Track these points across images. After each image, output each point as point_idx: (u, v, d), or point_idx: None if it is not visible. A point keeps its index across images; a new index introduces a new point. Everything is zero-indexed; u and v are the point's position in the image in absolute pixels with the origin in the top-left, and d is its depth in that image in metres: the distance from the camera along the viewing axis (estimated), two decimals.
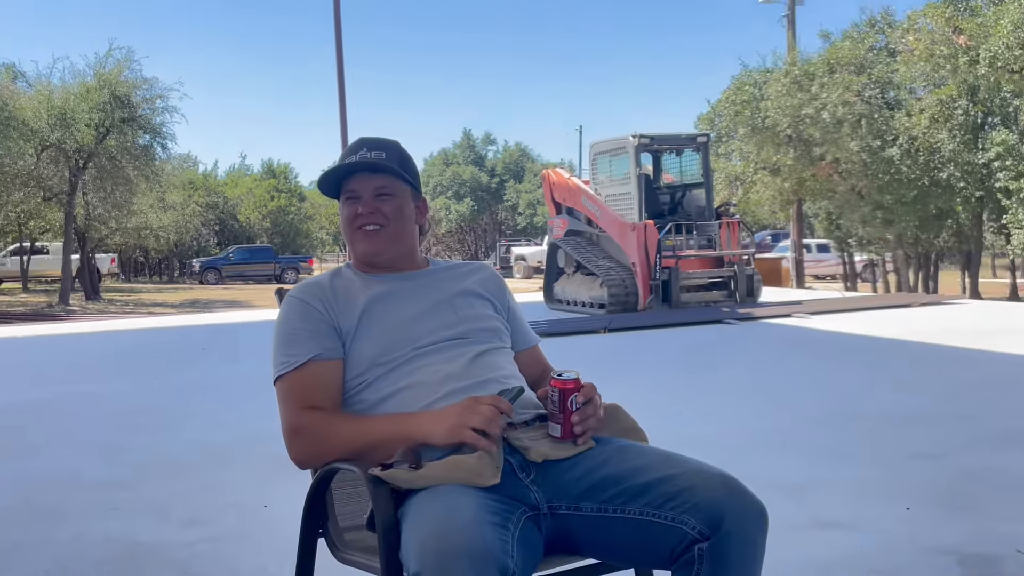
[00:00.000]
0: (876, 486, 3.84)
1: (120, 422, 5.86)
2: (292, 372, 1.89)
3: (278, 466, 4.32)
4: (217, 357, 9.26)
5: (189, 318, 16.20)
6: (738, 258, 13.26)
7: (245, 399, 6.47)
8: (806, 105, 21.22)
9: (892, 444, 4.56)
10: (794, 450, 4.52)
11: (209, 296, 28.79)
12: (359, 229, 2.02)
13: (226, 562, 3.16)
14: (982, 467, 4.06)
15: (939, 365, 7.23)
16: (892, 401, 5.70)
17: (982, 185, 20.57)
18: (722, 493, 1.65)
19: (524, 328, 2.17)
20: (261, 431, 5.16)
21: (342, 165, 2.02)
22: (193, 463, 4.65)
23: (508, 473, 1.73)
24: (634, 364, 7.97)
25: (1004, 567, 2.87)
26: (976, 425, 4.91)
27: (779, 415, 5.39)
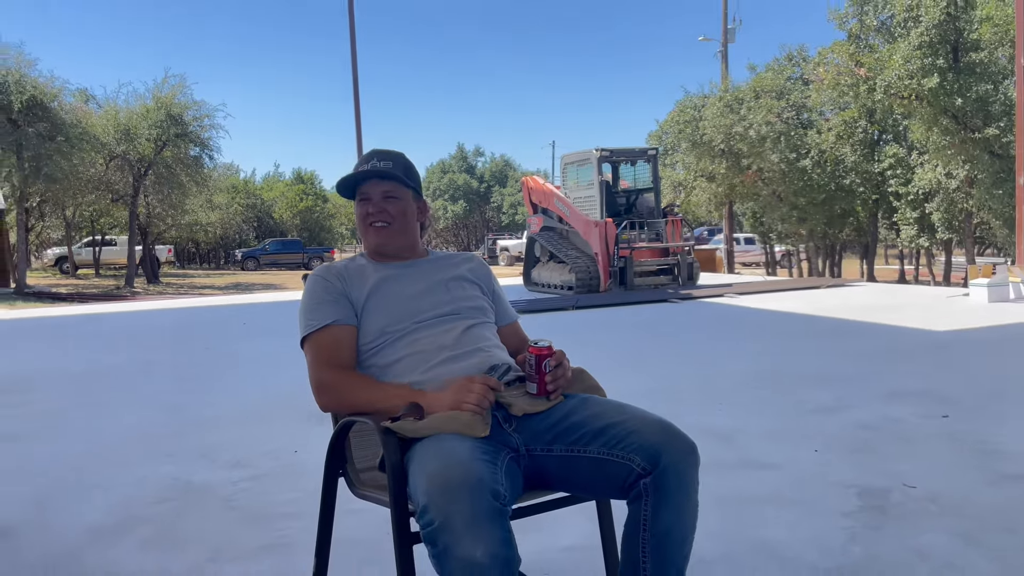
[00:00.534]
0: (790, 433, 3.87)
1: (176, 384, 5.83)
2: (315, 333, 1.91)
3: (306, 420, 4.33)
4: (256, 331, 9.22)
5: (233, 298, 16.10)
6: (681, 249, 13.28)
7: (279, 366, 6.45)
8: (736, 124, 21.25)
9: (804, 399, 4.60)
10: (724, 404, 4.54)
11: (249, 280, 28.61)
12: (370, 225, 2.03)
13: (264, 497, 3.16)
14: (876, 418, 4.09)
15: (841, 335, 7.28)
16: (804, 364, 5.73)
17: (877, 190, 20.70)
18: (660, 435, 1.67)
19: (506, 307, 2.17)
20: (292, 392, 5.15)
21: (357, 173, 2.02)
22: (236, 417, 4.64)
23: (494, 425, 1.75)
24: (596, 335, 7.99)
25: (892, 497, 2.90)
26: (871, 384, 4.95)
27: (712, 375, 5.42)
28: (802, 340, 7.08)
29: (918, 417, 4.08)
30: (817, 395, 4.68)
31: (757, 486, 3.07)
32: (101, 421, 4.67)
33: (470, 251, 32.72)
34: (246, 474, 3.48)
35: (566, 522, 2.66)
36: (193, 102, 24.65)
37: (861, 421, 4.03)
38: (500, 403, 1.78)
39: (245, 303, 13.69)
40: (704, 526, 2.59)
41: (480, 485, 1.46)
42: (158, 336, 9.12)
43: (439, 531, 1.42)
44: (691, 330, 8.10)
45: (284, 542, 2.67)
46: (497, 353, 1.94)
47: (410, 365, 1.86)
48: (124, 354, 7.46)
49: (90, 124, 22.91)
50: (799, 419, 4.14)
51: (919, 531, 2.57)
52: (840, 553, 2.42)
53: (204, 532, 2.80)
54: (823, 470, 3.25)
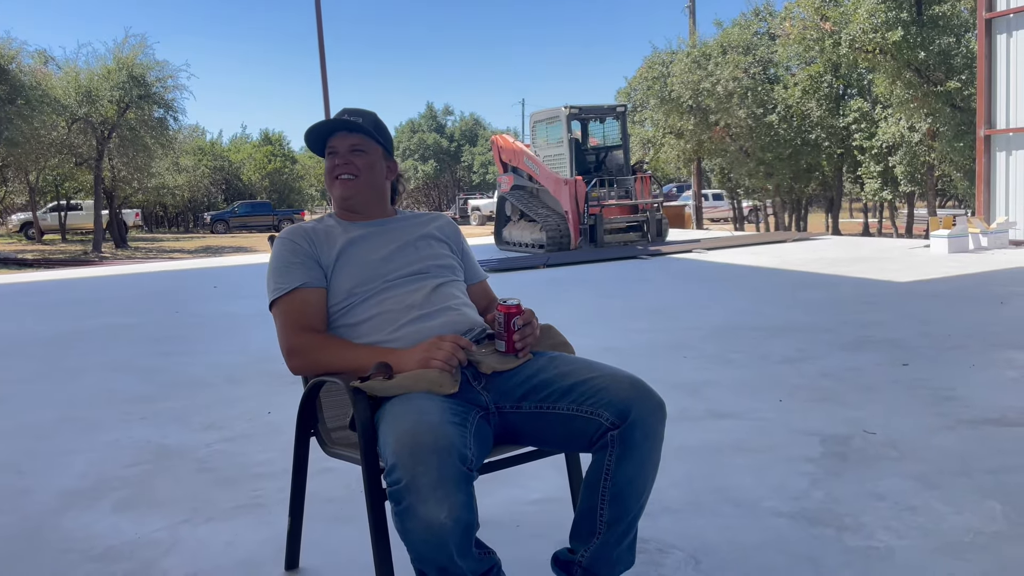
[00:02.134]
0: (756, 384, 3.93)
1: (147, 348, 5.78)
2: (284, 296, 1.89)
3: (278, 381, 4.32)
4: (226, 294, 9.12)
5: (202, 261, 15.89)
6: (650, 206, 13.31)
7: (250, 328, 6.41)
8: (704, 80, 21.19)
9: (768, 351, 4.66)
10: (691, 357, 4.59)
11: (219, 243, 28.25)
12: (336, 178, 2.01)
13: (238, 458, 3.16)
14: (838, 367, 4.17)
15: (807, 288, 7.37)
16: (770, 317, 5.81)
17: (842, 144, 20.85)
18: (629, 391, 1.68)
19: (475, 266, 2.17)
20: (263, 354, 5.13)
21: (325, 122, 2.00)
22: (209, 380, 4.61)
23: (464, 382, 1.75)
24: (567, 292, 8.02)
25: (853, 443, 2.97)
26: (834, 335, 5.03)
27: (680, 330, 5.47)
28: (768, 293, 7.16)
29: (879, 366, 4.16)
30: (782, 347, 4.75)
31: (723, 436, 3.13)
32: (73, 386, 4.62)
33: (441, 211, 32.55)
34: (220, 436, 3.47)
35: (536, 475, 2.70)
36: (155, 62, 24.06)
37: (824, 370, 4.11)
38: (470, 361, 1.79)
39: (215, 266, 13.53)
40: (671, 475, 2.65)
41: (448, 448, 1.46)
42: (128, 301, 8.99)
43: (405, 490, 1.43)
44: (660, 286, 8.15)
45: (259, 502, 2.68)
46: (466, 311, 1.94)
47: (378, 324, 1.86)
48: (94, 319, 7.36)
49: (50, 86, 22.28)
50: (765, 370, 4.20)
51: (879, 475, 2.64)
52: (803, 497, 2.48)
53: (179, 494, 2.79)
54: (787, 419, 3.31)
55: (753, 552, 2.14)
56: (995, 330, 4.94)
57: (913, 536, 2.20)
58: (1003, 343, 4.57)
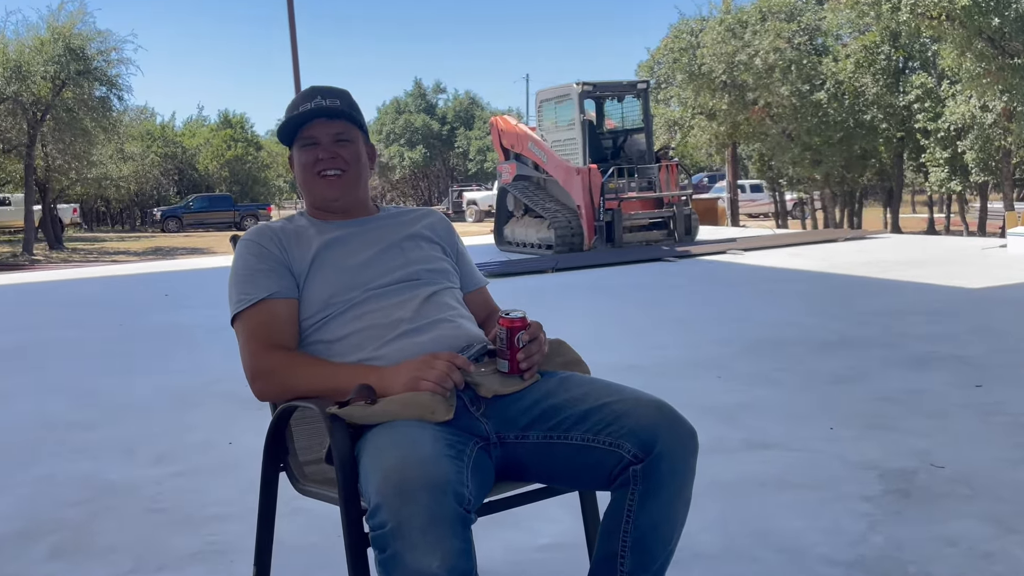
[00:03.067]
0: (802, 408, 3.93)
1: (87, 367, 5.78)
2: (249, 309, 1.88)
3: (241, 406, 4.32)
4: (179, 303, 9.14)
5: (152, 265, 15.93)
6: (677, 199, 13.33)
7: (208, 343, 6.41)
8: (740, 52, 21.25)
9: (817, 369, 4.66)
10: (727, 377, 4.59)
11: (171, 244, 28.31)
12: (319, 175, 1.99)
13: (194, 496, 3.16)
14: (898, 389, 4.17)
15: (861, 295, 7.37)
16: (818, 329, 5.80)
17: (903, 126, 20.89)
18: (655, 418, 1.67)
19: (472, 270, 2.17)
20: (224, 373, 5.13)
21: (303, 112, 1.97)
22: (159, 405, 4.62)
23: (460, 408, 1.74)
24: (579, 301, 8.03)
25: (918, 479, 2.97)
26: (894, 350, 5.03)
27: (713, 345, 5.47)
28: (816, 302, 7.15)
29: (947, 387, 4.15)
30: (832, 364, 4.75)
31: (763, 469, 3.12)
32: (0, 411, 4.63)
33: (432, 206, 32.48)
34: (172, 470, 3.47)
35: (545, 517, 2.69)
36: (96, 32, 24.16)
37: (882, 393, 4.10)
38: (467, 383, 1.78)
39: (166, 271, 13.54)
40: (703, 516, 2.65)
41: (442, 486, 1.46)
42: (64, 311, 9.00)
43: (391, 536, 1.42)
44: (689, 293, 8.15)
45: (218, 548, 2.68)
46: (462, 324, 1.94)
47: (360, 341, 1.85)
48: (23, 333, 7.37)
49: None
50: (811, 392, 4.20)
51: (949, 516, 2.64)
52: (859, 543, 2.48)
53: (125, 538, 2.79)
54: (840, 449, 3.30)
55: None
56: None
57: None
58: None
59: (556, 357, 1.95)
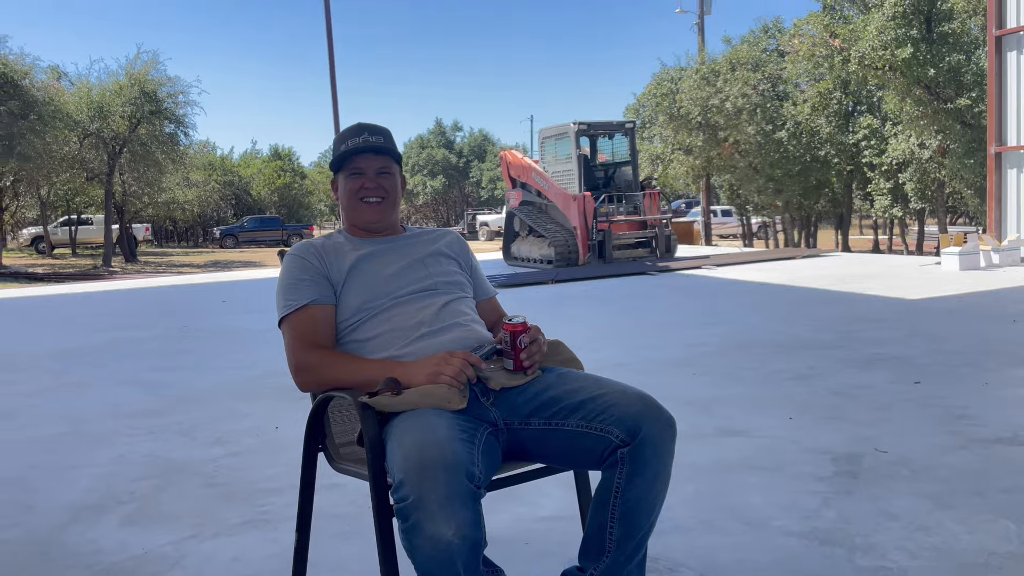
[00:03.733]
0: (766, 401, 3.91)
1: (154, 363, 5.79)
2: (293, 313, 1.89)
3: (285, 396, 4.32)
4: (235, 309, 9.16)
5: (211, 276, 15.97)
6: (658, 222, 13.30)
7: (258, 343, 6.42)
8: (713, 97, 21.24)
9: (779, 368, 4.64)
10: (702, 373, 4.58)
11: (228, 258, 28.37)
12: (362, 200, 2.01)
13: (245, 473, 3.16)
14: (849, 385, 4.15)
15: (816, 304, 7.34)
16: (779, 333, 5.79)
17: (852, 161, 20.83)
18: (640, 408, 1.67)
19: (484, 282, 2.17)
20: (271, 369, 5.14)
21: (353, 147, 1.99)
22: (216, 395, 4.62)
23: (472, 399, 1.74)
24: (576, 308, 8.02)
25: (864, 462, 2.95)
26: (844, 352, 5.00)
27: (690, 346, 5.46)
28: (778, 310, 7.13)
29: (890, 384, 4.13)
30: (792, 363, 4.73)
31: (733, 454, 3.11)
32: (81, 400, 4.63)
33: (449, 226, 32.47)
34: (227, 451, 3.47)
35: (545, 492, 2.68)
36: (167, 78, 24.30)
37: (835, 388, 4.08)
38: (478, 377, 1.78)
39: (224, 281, 13.58)
40: (681, 493, 2.64)
41: (456, 466, 1.46)
42: (136, 315, 9.03)
43: (412, 507, 1.42)
44: (669, 302, 8.14)
45: (266, 518, 2.67)
46: (475, 328, 1.94)
47: (388, 340, 1.86)
48: (103, 334, 7.39)
49: (63, 102, 22.50)
50: (775, 387, 4.18)
51: (891, 495, 2.62)
52: (813, 517, 2.46)
53: (185, 509, 2.79)
54: (798, 436, 3.29)
55: (763, 572, 2.12)
56: (1008, 348, 4.91)
57: (926, 557, 2.17)
58: (1016, 361, 4.54)
59: (555, 356, 1.94)
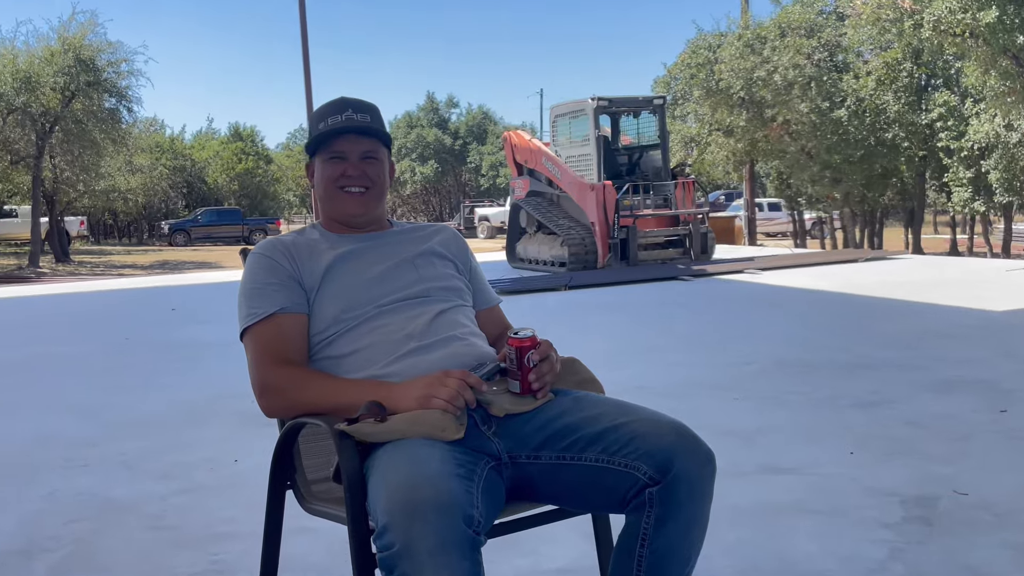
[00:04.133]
0: (821, 432, 3.90)
1: (91, 382, 5.80)
2: (258, 324, 1.89)
3: (247, 423, 4.32)
4: (187, 318, 9.17)
5: (159, 279, 16.00)
6: (693, 217, 13.32)
7: (214, 359, 6.43)
8: (758, 68, 21.25)
9: (836, 392, 4.63)
10: (744, 399, 4.57)
11: (178, 258, 28.45)
12: (342, 190, 2.01)
13: (199, 514, 3.16)
14: (921, 413, 4.14)
15: (883, 317, 7.33)
16: (837, 351, 5.77)
17: (925, 145, 20.81)
18: (672, 440, 1.67)
19: (485, 288, 2.17)
20: (230, 389, 5.14)
21: (334, 126, 1.99)
22: (163, 421, 4.62)
23: (471, 426, 1.74)
24: (593, 319, 8.01)
25: (939, 505, 2.94)
26: (916, 373, 4.99)
27: (730, 366, 5.45)
28: (836, 322, 7.12)
29: (971, 412, 4.12)
30: (853, 387, 4.72)
31: (782, 494, 3.10)
32: (2, 428, 4.64)
33: (442, 221, 32.51)
34: (176, 487, 3.47)
35: (557, 540, 2.68)
36: (107, 43, 24.37)
37: (904, 417, 4.08)
38: (478, 402, 1.78)
39: (174, 285, 13.60)
40: (720, 540, 2.63)
41: (451, 507, 1.46)
42: (70, 325, 9.05)
43: (398, 557, 1.42)
44: (705, 312, 8.13)
45: (222, 568, 2.67)
46: (474, 342, 1.94)
47: (369, 357, 1.86)
48: (27, 348, 7.41)
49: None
50: (832, 415, 4.18)
51: (972, 545, 2.61)
52: (879, 571, 2.46)
53: (126, 557, 2.79)
54: (859, 475, 3.28)
55: None
56: None
57: None
58: None
59: (569, 376, 1.94)
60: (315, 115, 2.06)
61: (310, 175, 2.09)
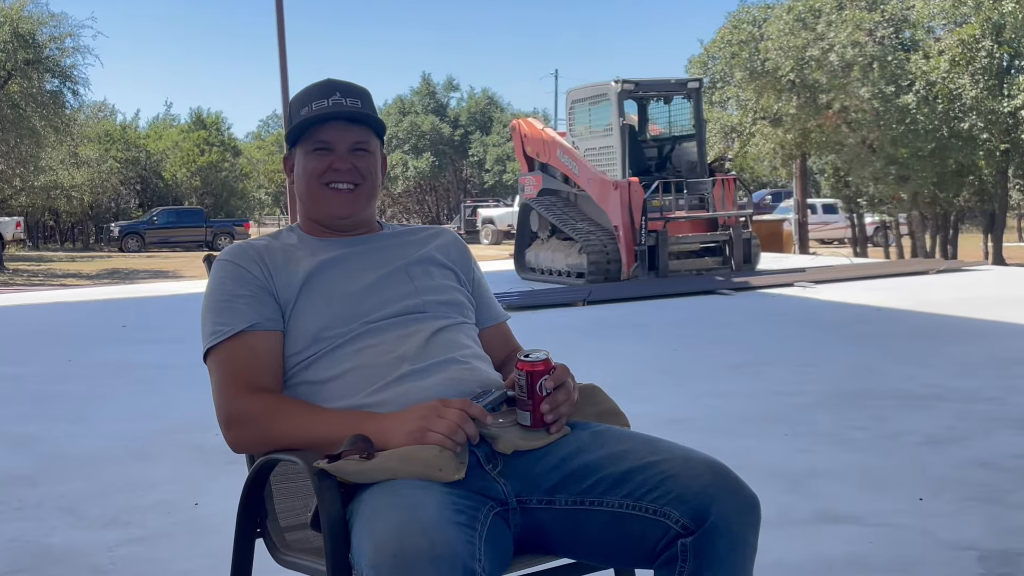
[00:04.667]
0: (885, 474, 3.89)
1: (28, 410, 5.80)
2: (225, 343, 1.89)
3: (211, 458, 4.33)
4: (140, 336, 9.18)
5: (108, 291, 16.03)
6: (734, 220, 13.32)
7: (172, 384, 6.43)
8: (811, 46, 21.29)
9: (904, 428, 4.62)
10: (794, 435, 4.56)
11: (130, 266, 28.53)
12: (328, 186, 2.01)
13: (153, 566, 3.16)
14: (1004, 454, 4.11)
15: (957, 339, 7.30)
16: (905, 379, 5.75)
17: (1008, 136, 20.78)
18: (709, 482, 1.67)
19: (491, 302, 2.18)
20: (192, 419, 5.15)
21: (320, 112, 1.99)
22: (112, 456, 4.62)
23: (473, 465, 1.74)
24: (616, 340, 8.01)
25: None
26: (997, 407, 4.97)
27: (778, 395, 5.43)
28: (902, 346, 7.10)
29: None
30: (923, 422, 4.71)
31: (839, 547, 3.09)
32: None
33: (439, 224, 32.42)
34: (127, 535, 3.47)
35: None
36: (49, 16, 24.65)
37: (984, 457, 4.06)
38: (481, 436, 1.79)
39: (125, 297, 13.62)
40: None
41: (449, 560, 1.46)
42: (3, 344, 9.06)
43: None
44: (748, 333, 8.11)
45: None
46: (477, 366, 1.95)
47: (354, 382, 1.86)
48: None
49: None
50: (898, 455, 4.16)
51: None
52: None
53: None
54: (931, 525, 3.27)
55: None
56: None
57: None
58: None
59: (589, 406, 1.95)
60: (296, 99, 2.07)
61: (289, 169, 2.10)
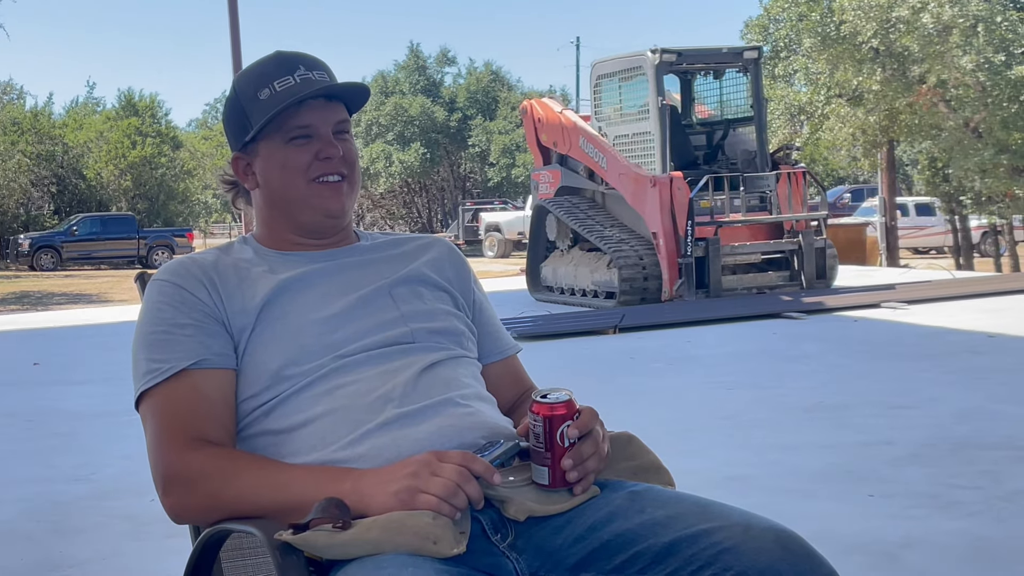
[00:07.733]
0: (1001, 548, 3.88)
1: None
2: (162, 385, 1.89)
3: (144, 531, 4.33)
4: (56, 376, 9.21)
5: (15, 319, 16.09)
6: (804, 225, 13.31)
7: (97, 436, 6.45)
8: (899, 5, 21.31)
9: (1023, 486, 4.61)
10: (884, 496, 4.55)
11: (44, 288, 28.61)
12: (316, 180, 2.02)
13: None
14: None
15: None
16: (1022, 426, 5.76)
17: None
18: (776, 555, 1.67)
19: (497, 330, 2.19)
20: (120, 482, 5.16)
21: (297, 92, 1.98)
22: (21, 529, 4.63)
23: (477, 535, 1.75)
24: (656, 377, 8.00)
25: None
26: None
27: (863, 447, 5.43)
28: (1021, 381, 7.08)
29: None
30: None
31: None
32: None
33: (432, 232, 32.71)
34: None
35: None
36: None
37: None
38: (487, 499, 1.79)
39: (37, 328, 13.67)
40: None
41: None
42: None
43: None
44: (823, 367, 8.10)
45: None
46: (481, 410, 1.95)
47: (327, 431, 1.87)
48: None
49: None
50: (1016, 522, 4.15)
51: None
52: None
53: None
54: None
55: None
56: None
57: None
58: None
59: (623, 461, 1.95)
60: (246, 81, 2.06)
61: (244, 171, 2.09)
